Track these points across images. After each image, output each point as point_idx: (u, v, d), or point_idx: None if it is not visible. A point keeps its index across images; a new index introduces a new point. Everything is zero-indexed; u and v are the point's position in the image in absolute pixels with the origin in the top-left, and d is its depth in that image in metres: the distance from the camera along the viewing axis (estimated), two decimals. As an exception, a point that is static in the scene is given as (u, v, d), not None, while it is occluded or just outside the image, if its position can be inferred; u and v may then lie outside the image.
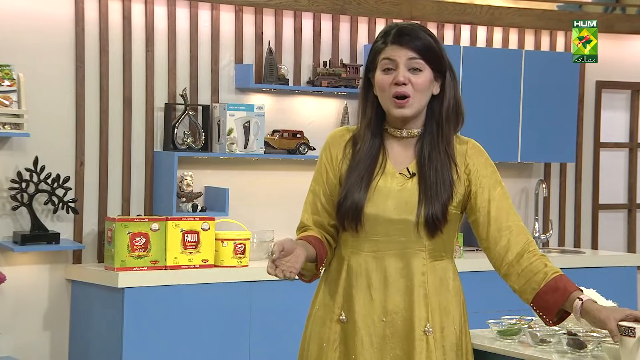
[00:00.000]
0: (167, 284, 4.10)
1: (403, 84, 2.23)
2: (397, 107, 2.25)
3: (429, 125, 2.30)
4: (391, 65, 2.25)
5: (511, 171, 5.46)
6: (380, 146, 2.29)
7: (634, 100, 5.81)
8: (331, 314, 2.31)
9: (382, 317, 2.26)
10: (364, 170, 2.27)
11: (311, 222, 2.32)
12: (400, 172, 2.29)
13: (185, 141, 4.48)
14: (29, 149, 4.20)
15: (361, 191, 2.25)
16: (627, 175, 5.82)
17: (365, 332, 2.27)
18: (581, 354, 2.67)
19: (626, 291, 5.06)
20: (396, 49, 2.24)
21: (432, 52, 2.26)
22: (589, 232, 5.67)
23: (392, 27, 2.29)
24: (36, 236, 4.12)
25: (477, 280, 4.80)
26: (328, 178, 2.32)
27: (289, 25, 4.82)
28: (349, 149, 2.32)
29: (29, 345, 4.23)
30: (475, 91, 5.02)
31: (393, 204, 2.25)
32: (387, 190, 2.26)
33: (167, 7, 4.51)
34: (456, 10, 5.16)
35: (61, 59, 4.29)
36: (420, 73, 2.25)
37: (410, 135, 2.30)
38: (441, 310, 2.30)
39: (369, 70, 2.32)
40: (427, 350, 2.26)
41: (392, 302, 2.27)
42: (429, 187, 2.25)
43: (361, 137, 2.30)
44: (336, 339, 2.29)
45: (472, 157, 2.33)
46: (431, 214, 2.23)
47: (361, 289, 2.27)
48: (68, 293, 4.30)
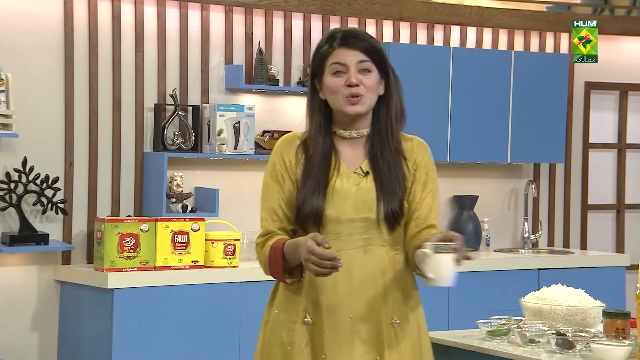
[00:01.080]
0: (157, 285, 4.09)
1: (356, 84, 2.31)
2: (351, 105, 2.32)
3: (376, 125, 2.38)
4: (341, 68, 2.32)
5: (500, 172, 5.48)
6: (332, 148, 2.36)
7: (623, 101, 5.83)
8: (294, 317, 2.33)
9: (350, 315, 2.31)
10: (319, 173, 2.34)
11: (275, 228, 2.36)
12: (354, 172, 2.36)
13: (175, 142, 4.48)
14: (18, 149, 4.19)
15: (319, 195, 2.31)
16: (615, 176, 5.84)
17: (333, 331, 2.30)
18: (570, 353, 2.68)
19: (615, 291, 5.07)
20: (345, 52, 2.32)
21: (378, 53, 2.35)
22: (578, 233, 5.69)
23: (336, 32, 2.36)
24: (25, 237, 4.10)
25: (466, 280, 4.81)
26: (285, 185, 2.37)
27: (279, 26, 4.81)
28: (300, 154, 2.38)
29: (17, 346, 4.21)
30: (465, 92, 5.03)
31: (352, 204, 2.32)
32: (345, 191, 2.33)
33: (156, 7, 4.51)
34: (446, 11, 5.17)
35: (50, 59, 4.27)
36: (370, 74, 2.34)
37: (359, 136, 2.38)
38: (404, 301, 2.36)
39: (314, 75, 2.38)
40: (396, 341, 2.32)
41: (359, 298, 2.31)
42: (384, 183, 2.33)
43: (312, 141, 2.37)
44: (302, 341, 2.32)
45: (418, 154, 2.41)
46: (390, 209, 2.32)
47: (326, 289, 2.31)
48: (57, 294, 4.29)
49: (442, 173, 6.08)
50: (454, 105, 5.01)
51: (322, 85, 2.35)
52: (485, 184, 5.42)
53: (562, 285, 3.03)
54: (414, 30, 5.17)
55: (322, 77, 2.35)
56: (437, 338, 2.95)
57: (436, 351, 2.96)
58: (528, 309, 2.97)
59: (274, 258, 2.30)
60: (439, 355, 2.94)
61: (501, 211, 5.48)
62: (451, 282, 2.21)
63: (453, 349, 2.87)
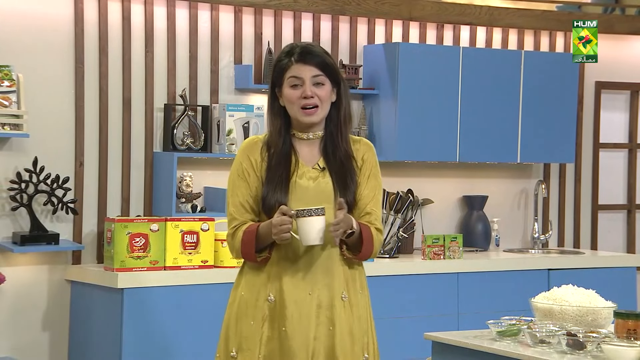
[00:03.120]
0: (167, 285, 4.10)
1: (310, 97, 2.69)
2: (306, 116, 2.71)
3: (328, 128, 2.76)
4: (298, 82, 2.70)
5: (510, 172, 5.46)
6: (291, 148, 2.74)
7: (633, 100, 5.81)
8: (258, 295, 2.71)
9: (309, 292, 2.69)
10: (282, 170, 2.70)
11: (245, 219, 2.72)
12: (313, 167, 2.73)
13: (184, 142, 4.48)
14: (29, 149, 4.20)
15: (282, 189, 2.68)
16: (626, 176, 5.82)
17: (294, 307, 2.67)
18: (580, 354, 2.67)
19: (625, 292, 5.06)
20: (301, 67, 2.70)
21: (330, 67, 2.72)
22: (588, 233, 5.67)
23: (293, 47, 2.73)
24: (35, 237, 4.12)
25: (476, 280, 4.81)
26: (252, 181, 2.72)
27: (289, 26, 4.82)
28: (264, 153, 2.75)
29: (28, 345, 4.22)
30: (475, 92, 5.02)
31: (312, 195, 2.69)
32: (305, 185, 2.71)
33: (166, 8, 4.51)
34: (456, 10, 5.16)
35: (61, 60, 4.29)
36: (323, 87, 2.72)
37: (315, 137, 2.76)
38: (352, 280, 2.75)
39: (274, 84, 2.75)
40: (345, 314, 2.70)
41: (318, 277, 2.69)
42: (339, 177, 2.71)
43: (273, 142, 2.74)
44: (264, 317, 2.69)
45: (364, 153, 2.79)
46: (347, 200, 2.69)
47: (289, 269, 2.69)
48: (67, 294, 4.30)
49: (451, 173, 6.09)
50: (463, 105, 5.00)
51: (282, 94, 2.73)
52: (495, 184, 5.41)
53: (572, 286, 3.02)
54: (423, 30, 5.16)
55: (281, 87, 2.73)
56: (447, 338, 2.94)
57: (446, 351, 2.96)
58: (538, 310, 2.96)
59: (248, 241, 2.67)
60: (449, 355, 2.94)
61: (511, 211, 5.47)
62: (318, 241, 2.60)
63: (463, 350, 2.86)
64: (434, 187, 5.21)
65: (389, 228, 4.88)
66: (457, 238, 4.81)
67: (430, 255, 4.74)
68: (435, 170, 5.23)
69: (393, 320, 4.53)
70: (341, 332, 2.68)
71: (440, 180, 5.25)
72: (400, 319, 4.56)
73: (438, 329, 3.86)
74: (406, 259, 4.82)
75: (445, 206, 5.26)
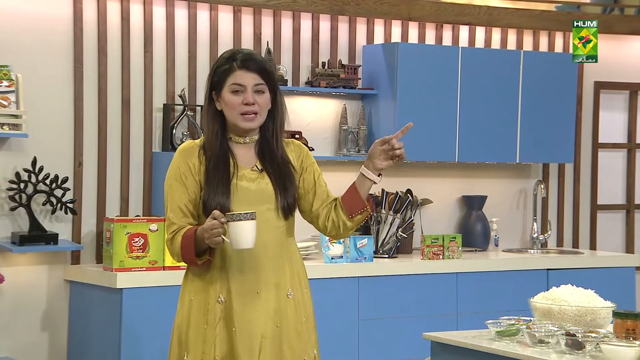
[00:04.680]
0: (166, 285, 4.09)
1: (252, 103, 2.72)
2: (245, 122, 2.74)
3: (264, 133, 2.80)
4: (239, 88, 2.73)
5: (510, 172, 5.47)
6: (228, 151, 2.76)
7: (632, 100, 5.81)
8: (208, 299, 2.71)
9: (257, 290, 2.71)
10: (221, 172, 2.72)
11: (183, 223, 2.73)
12: (251, 169, 2.76)
13: (183, 141, 4.48)
14: (28, 149, 4.20)
15: (223, 192, 2.70)
16: (625, 176, 5.82)
17: (242, 306, 2.69)
18: (579, 354, 2.67)
19: (624, 292, 5.06)
20: (244, 74, 2.73)
21: (270, 75, 2.76)
22: (587, 233, 5.68)
23: (235, 53, 2.76)
24: (34, 237, 4.11)
25: (475, 280, 4.81)
26: (189, 185, 2.73)
27: (288, 26, 4.82)
28: (202, 156, 2.76)
29: (27, 346, 4.22)
30: (474, 92, 5.02)
31: (254, 196, 2.72)
32: (246, 186, 2.73)
33: (165, 8, 4.51)
34: (455, 10, 5.16)
35: (60, 60, 4.28)
36: (263, 94, 2.75)
37: (251, 141, 2.80)
38: (297, 277, 2.78)
39: (212, 88, 2.76)
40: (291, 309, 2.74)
41: (264, 276, 2.72)
42: (278, 180, 2.75)
43: (210, 145, 2.75)
44: (217, 319, 2.70)
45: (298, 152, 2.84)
46: (287, 202, 2.74)
47: (236, 270, 2.70)
48: (66, 294, 4.30)
49: (450, 173, 6.09)
50: (462, 105, 5.00)
51: (220, 99, 2.75)
52: (494, 184, 5.41)
53: (571, 286, 3.02)
54: (422, 30, 5.16)
55: (221, 92, 2.74)
56: (446, 338, 2.94)
57: (445, 351, 2.96)
58: (537, 310, 2.96)
59: (187, 245, 2.67)
60: (448, 355, 2.94)
61: (510, 211, 5.47)
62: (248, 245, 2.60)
63: (462, 350, 2.86)
64: (433, 187, 5.21)
65: (388, 228, 4.88)
66: (456, 238, 4.81)
67: (429, 255, 4.74)
68: (435, 170, 5.23)
69: (392, 320, 4.53)
70: (287, 329, 2.71)
71: (439, 180, 5.25)
72: (399, 319, 4.56)
73: (437, 329, 3.86)
74: (405, 259, 4.82)
75: (444, 206, 5.26)
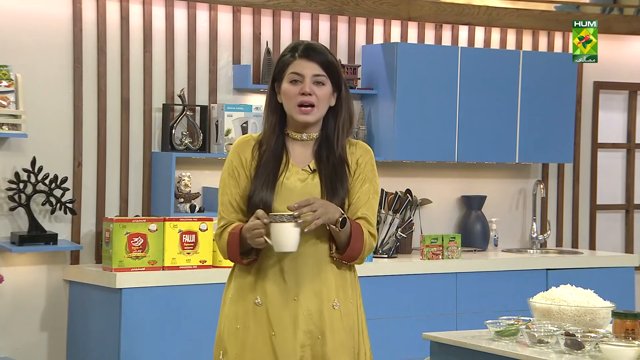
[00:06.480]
0: (165, 285, 4.10)
1: (309, 94, 2.60)
2: (301, 114, 2.62)
3: (325, 131, 2.66)
4: (298, 77, 2.62)
5: (509, 172, 5.47)
6: (283, 147, 2.65)
7: (632, 100, 5.81)
8: (246, 298, 2.63)
9: (294, 297, 2.59)
10: (270, 169, 2.62)
11: (232, 219, 2.66)
12: (303, 169, 2.64)
13: (183, 142, 4.48)
14: (27, 149, 4.20)
15: (268, 189, 2.60)
16: (624, 176, 5.83)
17: (279, 312, 2.59)
18: (579, 354, 2.67)
19: (624, 292, 5.06)
20: (304, 63, 2.61)
21: (333, 68, 2.63)
22: (586, 233, 5.68)
23: (299, 44, 2.65)
24: (34, 237, 4.11)
25: (475, 280, 4.81)
26: (241, 180, 2.65)
27: (287, 26, 4.82)
28: (255, 151, 2.67)
29: (26, 346, 4.22)
30: (473, 92, 5.02)
31: (298, 197, 2.58)
32: (292, 186, 2.62)
33: (165, 8, 4.51)
34: (454, 10, 5.16)
35: (59, 60, 4.28)
36: (323, 86, 2.62)
37: (309, 139, 2.67)
38: (343, 287, 2.64)
39: (275, 80, 2.66)
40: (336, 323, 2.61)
41: (305, 283, 2.59)
42: (329, 182, 2.61)
43: (266, 140, 2.66)
44: (253, 321, 2.61)
45: (360, 156, 2.68)
46: None
47: (274, 274, 2.60)
48: (66, 294, 4.30)
49: (450, 173, 6.10)
50: (462, 105, 5.00)
51: (280, 90, 2.64)
52: (494, 184, 5.41)
53: (571, 286, 3.02)
54: (422, 30, 5.17)
55: (281, 82, 2.64)
56: (445, 338, 2.94)
57: (444, 351, 2.96)
58: (537, 309, 2.96)
59: (233, 242, 2.60)
60: (447, 355, 2.94)
61: (509, 211, 5.47)
62: (290, 248, 2.51)
63: (461, 349, 2.86)
64: (432, 187, 5.21)
65: (387, 228, 4.88)
66: (456, 238, 4.81)
67: (428, 255, 4.74)
68: (434, 170, 5.24)
69: (391, 320, 4.54)
70: (333, 341, 2.58)
71: (438, 180, 5.25)
72: (398, 319, 4.56)
73: (436, 328, 3.86)
74: (405, 259, 4.82)
75: (443, 206, 5.26)
